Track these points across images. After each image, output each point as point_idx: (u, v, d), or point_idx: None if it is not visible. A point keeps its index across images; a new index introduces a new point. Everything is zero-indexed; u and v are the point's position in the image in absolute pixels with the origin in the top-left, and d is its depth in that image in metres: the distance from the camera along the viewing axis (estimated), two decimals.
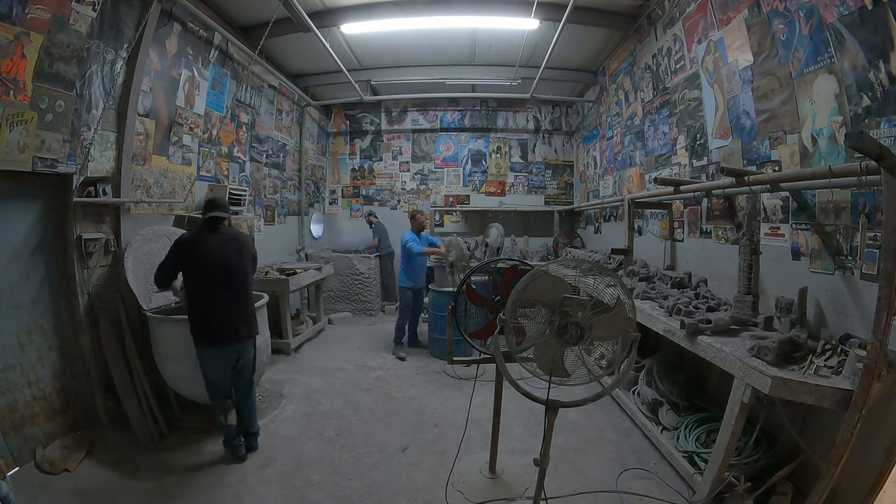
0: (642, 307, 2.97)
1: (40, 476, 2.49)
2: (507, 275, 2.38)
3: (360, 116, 7.61)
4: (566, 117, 7.44)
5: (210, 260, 2.60)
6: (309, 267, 5.57)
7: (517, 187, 7.54)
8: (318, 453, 2.86)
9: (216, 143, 4.47)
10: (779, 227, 2.70)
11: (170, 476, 2.57)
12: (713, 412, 2.77)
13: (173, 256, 2.62)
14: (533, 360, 1.90)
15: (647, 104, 4.46)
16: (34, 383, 2.76)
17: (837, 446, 1.71)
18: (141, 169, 3.50)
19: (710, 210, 3.42)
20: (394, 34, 5.13)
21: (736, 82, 3.05)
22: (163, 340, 3.00)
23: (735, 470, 2.19)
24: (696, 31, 3.50)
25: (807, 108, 2.44)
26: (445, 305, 3.96)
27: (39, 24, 2.55)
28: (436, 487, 2.48)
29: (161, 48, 3.62)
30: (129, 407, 2.94)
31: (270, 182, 5.79)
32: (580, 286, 1.94)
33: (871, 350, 1.65)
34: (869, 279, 2.07)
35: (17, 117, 2.48)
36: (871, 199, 2.07)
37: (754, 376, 1.93)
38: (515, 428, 3.15)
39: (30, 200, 2.79)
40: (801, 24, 2.43)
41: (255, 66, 4.89)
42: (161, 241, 3.46)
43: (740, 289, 2.52)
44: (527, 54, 5.45)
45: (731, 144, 3.13)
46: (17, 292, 2.71)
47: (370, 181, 7.72)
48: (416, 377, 4.24)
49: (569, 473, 2.63)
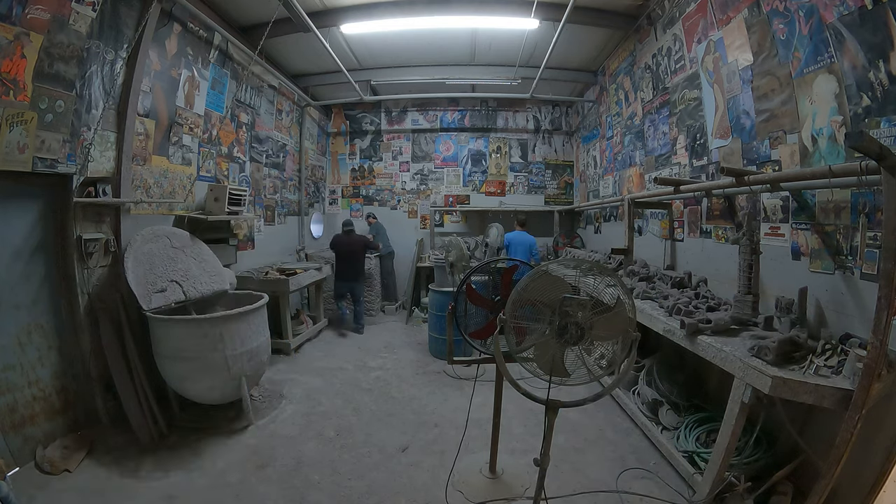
0: (642, 307, 2.97)
1: (40, 476, 2.49)
2: (507, 275, 2.38)
3: (360, 116, 7.61)
4: (566, 117, 7.44)
5: (344, 248, 5.64)
6: (309, 267, 5.57)
7: (517, 187, 7.54)
8: (318, 453, 2.86)
9: (216, 144, 4.47)
10: (779, 227, 2.70)
11: (170, 476, 2.57)
12: (713, 412, 2.77)
13: (332, 243, 5.79)
14: (533, 360, 1.90)
15: (647, 104, 4.46)
16: (34, 383, 2.76)
17: (837, 446, 1.71)
18: (141, 169, 3.50)
19: (710, 210, 3.42)
20: (394, 34, 5.13)
21: (736, 82, 3.05)
22: (163, 340, 3.00)
23: (735, 470, 2.19)
24: (696, 30, 3.50)
25: (807, 107, 2.44)
26: (445, 305, 3.95)
27: (39, 24, 2.55)
28: (436, 487, 2.48)
29: (161, 48, 3.62)
30: (129, 407, 2.94)
31: (270, 182, 5.79)
32: (580, 286, 1.94)
33: (871, 350, 1.65)
34: (869, 279, 2.07)
35: (17, 117, 2.48)
36: (871, 199, 2.07)
37: (754, 376, 1.93)
38: (515, 428, 3.15)
39: (30, 200, 2.79)
40: (801, 23, 2.43)
41: (254, 66, 4.89)
42: (161, 242, 3.46)
43: (740, 289, 2.52)
44: (527, 54, 5.45)
45: (731, 144, 3.13)
46: (17, 292, 2.71)
47: (370, 181, 7.72)
48: (417, 377, 4.24)
49: (569, 473, 2.63)
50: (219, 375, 3.03)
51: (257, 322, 3.31)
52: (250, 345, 3.18)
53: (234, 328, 3.08)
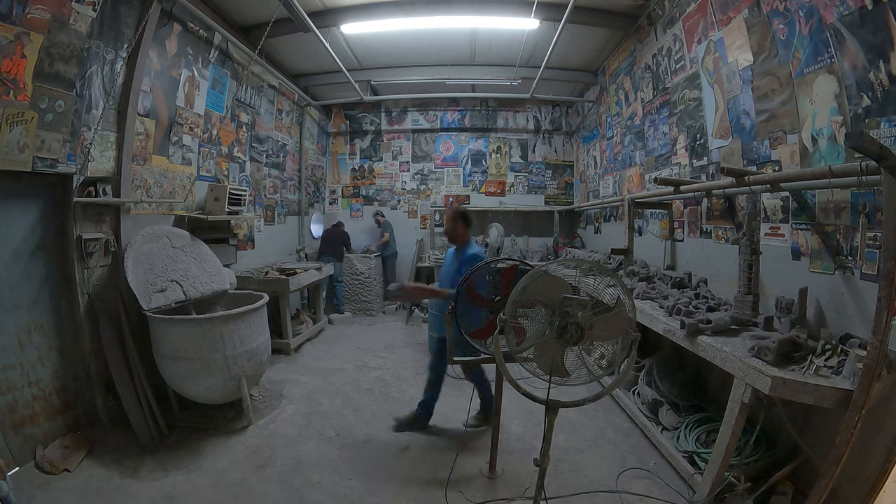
0: (642, 307, 2.97)
1: (40, 476, 2.49)
2: (507, 275, 2.38)
3: (360, 116, 7.61)
4: (566, 117, 7.44)
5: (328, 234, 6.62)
6: (309, 267, 5.57)
7: (517, 187, 7.54)
8: (318, 453, 2.86)
9: (216, 143, 4.47)
10: (779, 227, 2.70)
11: (170, 476, 2.56)
12: (713, 412, 2.77)
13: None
14: (533, 360, 1.90)
15: (647, 104, 4.46)
16: (34, 383, 2.76)
17: (837, 446, 1.71)
18: (141, 169, 3.50)
19: (710, 210, 3.42)
20: (394, 34, 5.13)
21: (736, 82, 3.05)
22: (163, 340, 3.00)
23: (735, 470, 2.19)
24: (696, 31, 3.50)
25: (807, 107, 2.44)
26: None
27: (39, 24, 2.55)
28: (436, 487, 2.48)
29: (161, 48, 3.61)
30: (129, 407, 2.94)
31: (270, 182, 5.79)
32: (580, 286, 1.94)
33: (871, 350, 1.65)
34: (869, 279, 2.07)
35: (17, 117, 2.48)
36: (871, 199, 2.07)
37: (754, 376, 1.93)
38: (515, 428, 3.15)
39: (30, 200, 2.79)
40: (801, 24, 2.43)
41: (255, 66, 4.89)
42: (161, 242, 3.46)
43: (740, 289, 2.52)
44: (527, 54, 5.45)
45: (731, 144, 3.13)
46: (18, 292, 2.71)
47: (370, 181, 7.72)
48: (417, 377, 4.23)
49: (569, 473, 2.63)
50: (219, 375, 3.02)
51: (257, 322, 3.31)
52: (250, 345, 3.18)
53: (234, 328, 3.08)
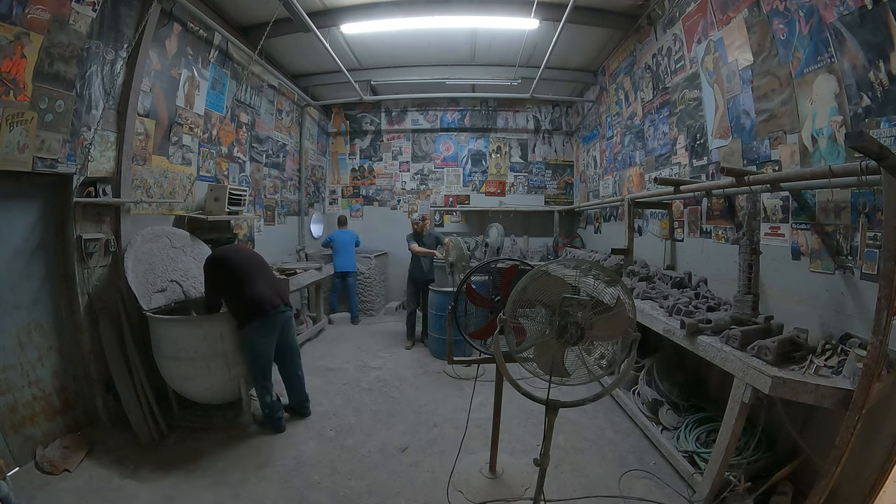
0: (642, 307, 2.97)
1: (40, 476, 2.48)
2: (507, 275, 2.38)
3: (360, 116, 7.60)
4: (566, 117, 7.43)
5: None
6: (309, 267, 5.57)
7: (517, 187, 7.54)
8: (318, 453, 2.86)
9: (216, 143, 4.47)
10: (779, 227, 2.70)
11: (170, 476, 2.56)
12: (713, 412, 2.77)
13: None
14: (533, 360, 1.90)
15: (647, 104, 4.45)
16: (34, 383, 2.76)
17: (837, 446, 1.71)
18: (141, 169, 3.50)
19: (710, 210, 3.42)
20: (394, 34, 5.12)
21: (736, 82, 3.05)
22: (163, 340, 3.00)
23: (735, 470, 2.19)
24: (696, 30, 3.50)
25: (807, 107, 2.44)
26: (445, 305, 3.95)
27: (39, 24, 2.54)
28: (436, 487, 2.48)
29: (161, 48, 3.61)
30: (129, 407, 2.94)
31: (270, 182, 5.79)
32: (580, 286, 1.94)
33: (871, 350, 1.65)
34: (869, 279, 2.07)
35: (17, 117, 2.48)
36: (871, 199, 2.07)
37: (754, 376, 1.92)
38: (515, 428, 3.15)
39: (30, 200, 2.79)
40: (801, 23, 2.43)
41: (254, 66, 4.89)
42: (161, 242, 3.46)
43: (740, 289, 2.52)
44: (527, 54, 5.45)
45: (731, 144, 3.13)
46: (18, 292, 2.71)
47: (370, 181, 7.71)
48: (417, 377, 4.24)
49: (569, 473, 2.63)
50: (219, 375, 3.02)
51: None
52: None
53: (234, 328, 3.08)
